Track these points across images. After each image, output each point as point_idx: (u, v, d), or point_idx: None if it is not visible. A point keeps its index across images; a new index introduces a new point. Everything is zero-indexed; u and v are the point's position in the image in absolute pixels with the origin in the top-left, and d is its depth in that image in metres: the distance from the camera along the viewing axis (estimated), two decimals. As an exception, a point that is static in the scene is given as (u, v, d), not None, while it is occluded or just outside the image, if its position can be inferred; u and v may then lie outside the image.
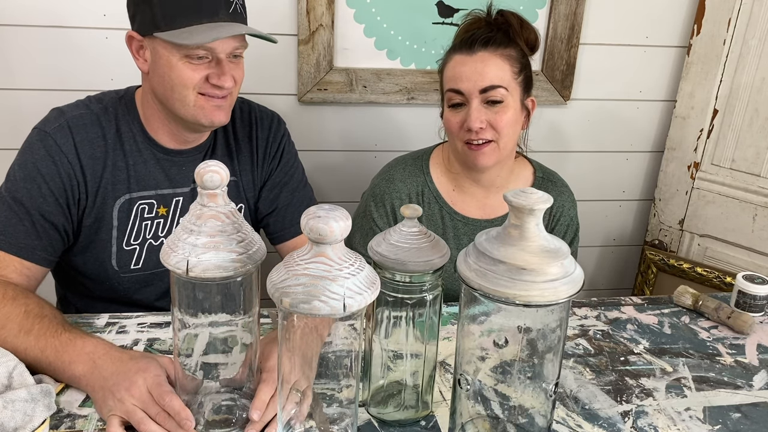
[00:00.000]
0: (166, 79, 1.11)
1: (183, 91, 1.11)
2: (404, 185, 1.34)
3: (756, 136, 1.75)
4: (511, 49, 1.24)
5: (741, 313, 1.20)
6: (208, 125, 1.15)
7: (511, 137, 1.26)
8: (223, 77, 1.11)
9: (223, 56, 1.10)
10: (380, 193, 1.35)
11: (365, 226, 1.35)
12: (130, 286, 1.24)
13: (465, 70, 1.22)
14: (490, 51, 1.22)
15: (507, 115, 1.23)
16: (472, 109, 1.22)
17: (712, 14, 1.77)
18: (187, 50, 1.08)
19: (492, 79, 1.21)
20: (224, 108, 1.15)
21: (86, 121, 1.16)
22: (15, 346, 0.93)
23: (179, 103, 1.12)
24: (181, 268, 0.74)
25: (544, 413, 0.81)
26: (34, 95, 1.65)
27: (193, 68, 1.09)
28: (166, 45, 1.08)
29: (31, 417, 0.79)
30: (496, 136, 1.24)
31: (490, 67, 1.21)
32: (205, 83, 1.11)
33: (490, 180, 1.34)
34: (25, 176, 1.12)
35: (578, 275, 0.71)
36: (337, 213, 0.67)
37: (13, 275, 1.09)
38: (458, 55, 1.24)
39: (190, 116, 1.13)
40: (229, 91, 1.14)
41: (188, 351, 0.85)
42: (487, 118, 1.22)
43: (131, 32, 1.13)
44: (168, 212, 1.23)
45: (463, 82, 1.22)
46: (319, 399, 0.81)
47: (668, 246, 1.96)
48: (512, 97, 1.24)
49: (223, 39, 1.08)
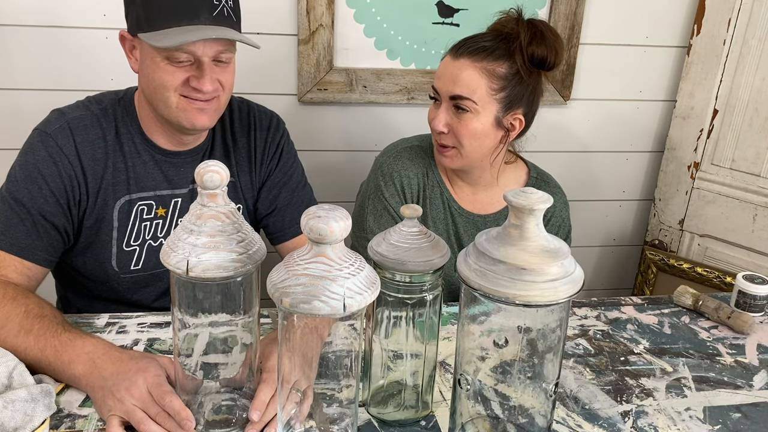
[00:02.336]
0: (150, 79, 1.11)
1: (165, 93, 1.10)
2: (412, 163, 1.36)
3: (756, 136, 1.75)
4: (500, 64, 1.21)
5: (741, 313, 1.20)
6: (189, 128, 1.13)
7: (476, 148, 1.26)
8: (203, 80, 1.08)
9: (206, 60, 1.08)
10: (389, 171, 1.35)
11: (378, 207, 1.35)
12: (130, 287, 1.24)
13: (444, 71, 1.25)
14: (473, 60, 1.22)
15: (470, 126, 1.23)
16: (441, 110, 1.26)
17: (712, 14, 1.77)
18: (168, 52, 1.06)
19: (462, 89, 1.22)
20: (208, 112, 1.13)
21: (87, 123, 1.16)
22: (15, 346, 0.93)
23: (162, 105, 1.12)
24: (181, 268, 0.74)
25: (544, 413, 0.81)
26: (34, 95, 1.65)
27: (173, 71, 1.08)
28: (149, 46, 1.08)
29: (31, 417, 0.79)
30: (456, 143, 1.26)
31: (464, 77, 1.22)
32: (186, 86, 1.10)
33: (474, 179, 1.36)
34: (26, 177, 1.12)
35: (578, 275, 0.71)
36: (337, 213, 0.67)
37: (13, 275, 1.09)
38: (448, 55, 1.27)
39: (173, 118, 1.13)
40: (213, 95, 1.12)
41: (188, 351, 0.85)
42: (451, 123, 1.25)
43: (123, 31, 1.14)
44: (167, 213, 1.23)
45: (440, 81, 1.26)
46: (319, 399, 0.81)
47: (668, 246, 1.96)
48: (483, 112, 1.23)
49: (204, 42, 1.06)
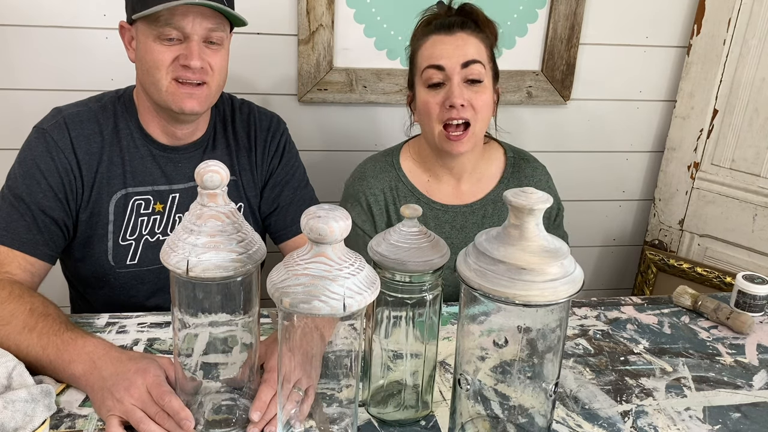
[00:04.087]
0: (144, 63, 1.13)
1: (156, 74, 1.12)
2: (376, 181, 1.36)
3: (756, 136, 1.75)
4: (483, 35, 1.28)
5: (740, 314, 1.20)
6: (178, 112, 1.15)
7: (485, 121, 1.29)
8: (191, 56, 1.10)
9: (195, 37, 1.11)
10: (354, 192, 1.36)
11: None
12: (126, 282, 1.24)
13: (446, 47, 1.25)
14: (467, 32, 1.26)
15: (485, 95, 1.26)
16: (454, 86, 1.24)
17: (712, 14, 1.77)
18: (159, 30, 1.09)
19: (473, 54, 1.24)
20: (197, 97, 1.14)
21: (83, 118, 1.18)
22: (18, 343, 0.93)
23: (153, 88, 1.14)
24: (181, 268, 0.74)
25: (544, 413, 0.81)
26: (35, 95, 1.65)
27: (164, 49, 1.11)
28: (143, 28, 1.11)
29: (31, 417, 0.79)
30: (473, 116, 1.25)
31: (470, 45, 1.25)
32: (177, 65, 1.12)
33: (462, 166, 1.36)
34: (24, 173, 1.14)
35: (578, 275, 0.71)
36: (337, 213, 0.67)
37: (17, 271, 1.09)
38: (436, 35, 1.26)
39: (163, 102, 1.14)
40: (203, 76, 1.13)
41: (188, 351, 0.85)
42: (467, 97, 1.24)
43: (122, 21, 1.17)
44: (164, 209, 1.24)
45: (444, 58, 1.24)
46: (319, 399, 0.81)
47: (668, 246, 1.96)
48: (488, 79, 1.27)
49: (194, 19, 1.09)
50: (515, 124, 1.85)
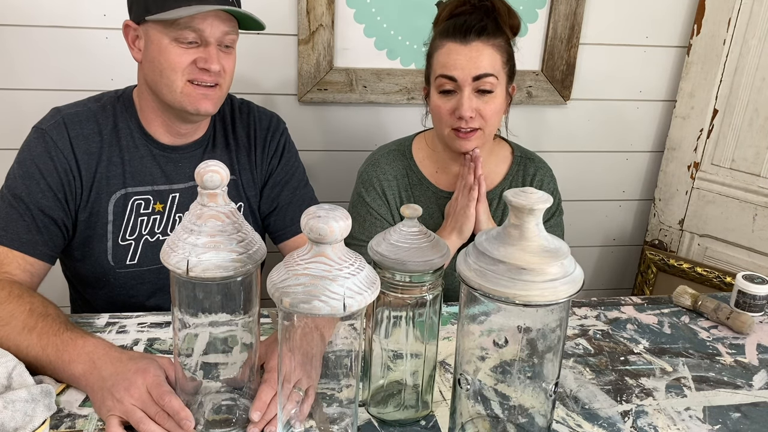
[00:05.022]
0: (156, 63, 1.12)
1: (171, 76, 1.12)
2: (390, 167, 1.40)
3: (756, 136, 1.75)
4: (500, 38, 1.28)
5: (740, 313, 1.20)
6: (193, 113, 1.15)
7: (496, 125, 1.32)
8: (211, 60, 1.11)
9: (213, 41, 1.12)
10: (368, 178, 1.39)
11: (361, 212, 1.38)
12: (126, 282, 1.24)
13: (459, 58, 1.25)
14: (483, 41, 1.25)
15: (495, 104, 1.28)
16: (464, 98, 1.25)
17: (712, 14, 1.77)
18: (177, 32, 1.09)
19: (485, 67, 1.25)
20: (211, 98, 1.15)
21: (82, 118, 1.18)
22: (18, 343, 0.93)
23: (167, 89, 1.13)
24: (181, 267, 0.74)
25: (544, 413, 0.81)
26: (35, 95, 1.65)
27: (181, 52, 1.11)
28: (157, 28, 1.10)
29: (31, 417, 0.79)
30: (483, 124, 1.28)
31: (484, 57, 1.25)
32: (194, 68, 1.12)
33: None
34: (23, 173, 1.14)
35: (578, 275, 0.71)
36: (337, 213, 0.67)
37: (16, 271, 1.09)
38: (451, 43, 1.26)
39: (177, 103, 1.14)
40: (217, 78, 1.14)
41: (188, 351, 0.85)
42: (477, 106, 1.26)
43: (127, 21, 1.16)
44: (164, 208, 1.23)
45: (457, 69, 1.25)
46: (319, 399, 0.81)
47: (668, 246, 1.96)
48: (500, 87, 1.28)
49: (212, 22, 1.09)
50: (515, 124, 1.85)
